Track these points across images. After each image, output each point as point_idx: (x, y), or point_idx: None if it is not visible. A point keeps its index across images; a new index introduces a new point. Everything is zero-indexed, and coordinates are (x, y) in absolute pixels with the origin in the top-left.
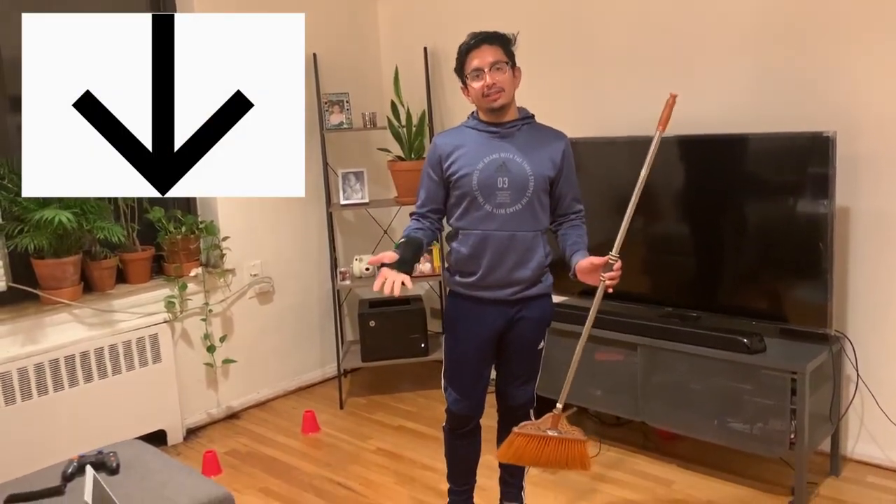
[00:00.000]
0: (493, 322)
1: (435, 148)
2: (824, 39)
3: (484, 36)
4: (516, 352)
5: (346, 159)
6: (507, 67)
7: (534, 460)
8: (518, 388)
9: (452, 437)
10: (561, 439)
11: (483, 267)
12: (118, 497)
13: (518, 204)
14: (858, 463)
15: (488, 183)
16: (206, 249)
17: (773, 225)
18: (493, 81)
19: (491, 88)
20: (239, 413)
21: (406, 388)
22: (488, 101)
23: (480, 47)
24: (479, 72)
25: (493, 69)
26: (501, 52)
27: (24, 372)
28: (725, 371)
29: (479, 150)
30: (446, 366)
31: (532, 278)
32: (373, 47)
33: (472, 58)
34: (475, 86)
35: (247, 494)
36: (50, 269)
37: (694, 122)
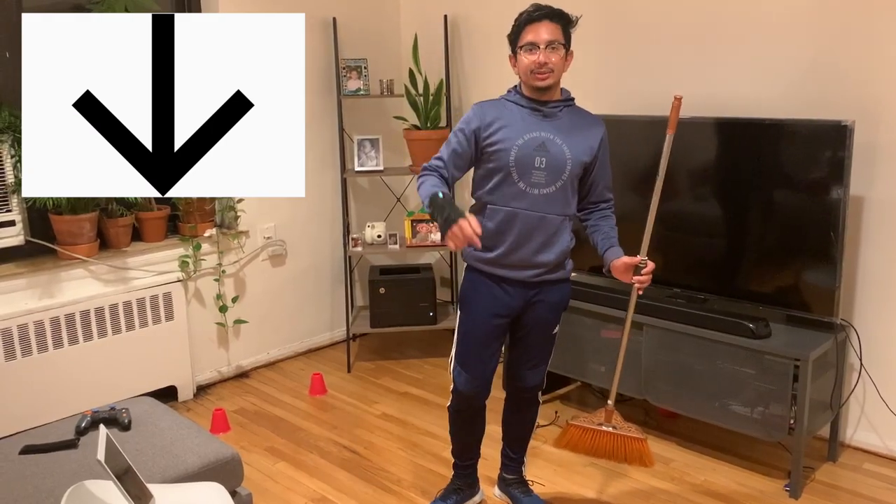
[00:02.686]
0: (511, 302)
1: (476, 113)
2: (849, 28)
3: (548, 11)
4: (532, 335)
5: (361, 125)
6: (563, 48)
7: (589, 451)
8: (530, 370)
9: (458, 418)
10: (617, 435)
11: (507, 244)
12: (129, 453)
13: (552, 186)
14: (856, 450)
15: (526, 161)
16: (221, 211)
17: (785, 211)
18: (545, 60)
19: (542, 67)
20: (248, 372)
21: (413, 354)
22: (536, 78)
23: (541, 22)
24: (533, 46)
25: (549, 48)
26: (560, 32)
27: (41, 325)
28: (729, 354)
29: (520, 126)
30: (459, 345)
31: (555, 262)
32: (392, 14)
33: (529, 30)
34: (526, 60)
35: (253, 452)
36: (67, 225)
37: (711, 105)
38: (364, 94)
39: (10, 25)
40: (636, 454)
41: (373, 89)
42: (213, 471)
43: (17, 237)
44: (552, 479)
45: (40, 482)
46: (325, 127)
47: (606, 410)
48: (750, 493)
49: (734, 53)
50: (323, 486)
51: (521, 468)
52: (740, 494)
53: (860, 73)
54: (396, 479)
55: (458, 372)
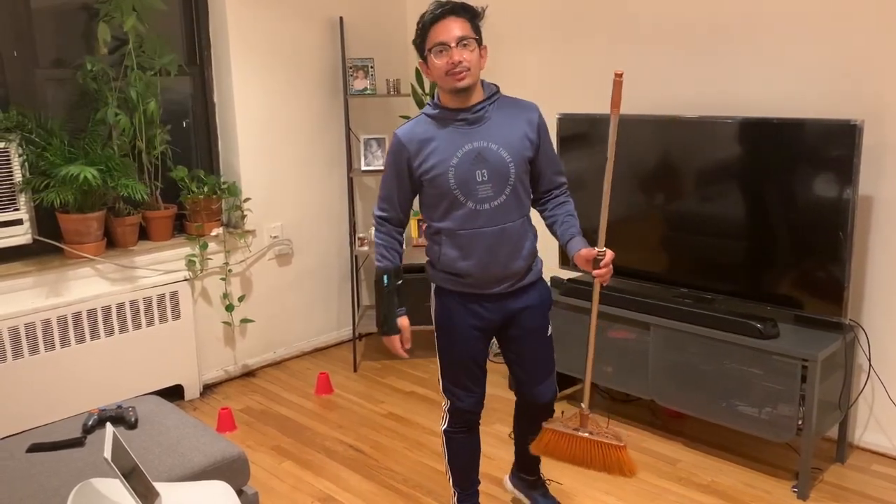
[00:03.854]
0: (490, 316)
1: (400, 146)
2: (858, 27)
3: (450, 7)
4: (528, 347)
5: (368, 125)
6: (475, 44)
7: (567, 457)
8: (541, 385)
9: (457, 439)
10: (594, 441)
11: (474, 266)
12: (135, 452)
13: (502, 195)
14: (865, 451)
15: (466, 178)
16: (228, 210)
17: (793, 211)
18: (459, 59)
19: (457, 66)
20: (255, 371)
21: (419, 354)
22: (453, 80)
23: (445, 19)
24: (443, 46)
25: (460, 45)
26: (469, 27)
27: (48, 323)
28: (737, 354)
29: (450, 144)
30: (445, 368)
31: (525, 267)
32: (399, 13)
33: (435, 31)
34: (438, 62)
35: (259, 452)
36: (74, 224)
37: (719, 105)
38: (371, 94)
39: (17, 25)
40: (615, 463)
41: (379, 89)
42: (219, 469)
43: (24, 236)
44: (558, 477)
45: (47, 480)
46: (332, 126)
47: (581, 415)
48: (757, 494)
49: (742, 53)
50: (329, 486)
51: (539, 466)
52: (748, 495)
53: (869, 72)
54: (402, 478)
55: (452, 392)
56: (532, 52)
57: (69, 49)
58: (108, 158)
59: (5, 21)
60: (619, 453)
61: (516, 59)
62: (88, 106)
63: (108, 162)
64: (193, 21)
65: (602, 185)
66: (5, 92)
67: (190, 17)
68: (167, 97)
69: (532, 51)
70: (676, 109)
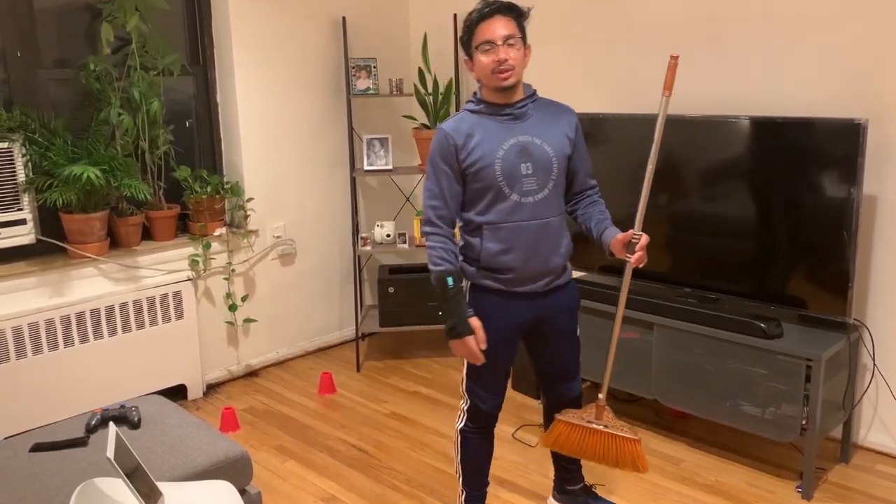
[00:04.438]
0: (524, 314)
1: (446, 138)
2: (862, 26)
3: (498, 6)
4: (559, 346)
5: (371, 125)
6: (520, 43)
7: (577, 451)
8: (571, 381)
9: (473, 439)
10: (608, 434)
11: (517, 261)
12: (138, 451)
13: (545, 189)
14: (869, 451)
15: (512, 171)
16: (231, 210)
17: (797, 210)
18: (505, 57)
19: (503, 65)
20: (258, 371)
21: (422, 354)
22: (498, 78)
23: (493, 17)
24: (490, 45)
25: (506, 44)
26: (515, 26)
27: (51, 323)
28: (741, 354)
29: (495, 137)
30: (473, 368)
31: (562, 265)
32: (402, 13)
33: (482, 29)
34: (485, 60)
35: (262, 451)
36: (78, 224)
37: (723, 104)
38: (373, 94)
39: (20, 25)
40: (629, 457)
41: (382, 89)
42: (222, 469)
43: (28, 236)
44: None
45: (50, 480)
46: (335, 126)
47: (597, 406)
48: (761, 494)
49: (747, 53)
50: (332, 485)
51: (581, 474)
52: (752, 495)
53: (874, 71)
54: (405, 478)
55: (476, 393)
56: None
57: (72, 49)
58: (111, 158)
59: (9, 21)
60: (634, 447)
61: None
62: (91, 106)
63: (112, 162)
64: (196, 21)
65: (605, 182)
66: (9, 92)
67: (193, 17)
68: (170, 97)
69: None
70: (681, 109)
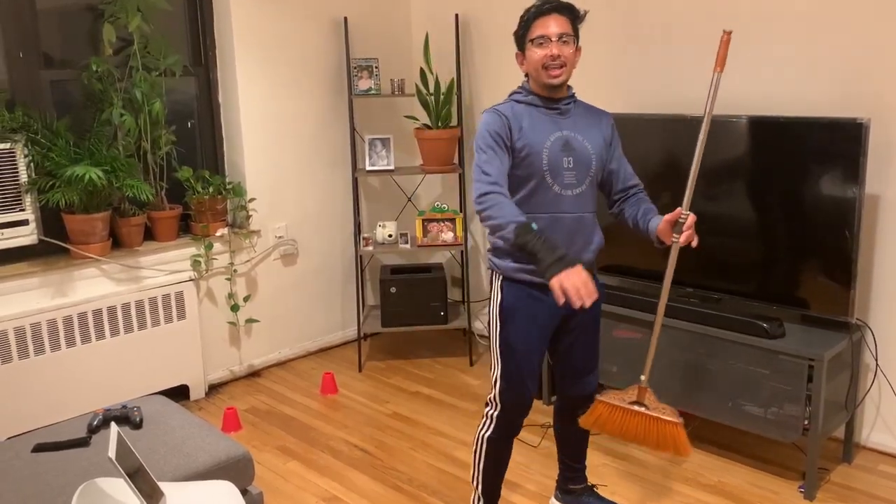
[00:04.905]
0: (556, 310)
1: (500, 116)
2: (864, 25)
3: (556, 4)
4: (582, 341)
5: (372, 125)
6: (573, 42)
7: (617, 432)
8: (590, 374)
9: (500, 448)
10: (649, 416)
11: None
12: (140, 451)
13: (583, 184)
14: (872, 451)
15: (557, 163)
16: (233, 210)
17: (800, 210)
18: (558, 52)
19: (555, 60)
20: (260, 371)
21: (424, 354)
22: (548, 74)
23: (550, 15)
24: (544, 39)
25: (560, 41)
26: (569, 25)
27: (53, 324)
28: (743, 354)
29: (542, 127)
30: (507, 362)
31: (593, 261)
32: (404, 13)
33: (539, 24)
34: (538, 53)
35: (264, 452)
36: (80, 225)
37: (726, 104)
38: (375, 94)
39: (23, 26)
40: (670, 440)
41: (384, 89)
42: (224, 469)
43: (30, 236)
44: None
45: (52, 480)
46: (337, 126)
47: (639, 388)
48: (764, 494)
49: (749, 51)
50: (334, 486)
51: (585, 475)
52: (754, 496)
53: (876, 70)
54: (408, 478)
55: (510, 393)
56: None
57: (74, 50)
58: (113, 159)
59: (11, 22)
60: (676, 430)
61: None
62: (94, 107)
63: (114, 162)
64: (198, 22)
65: None
66: (11, 93)
67: (195, 18)
68: (172, 98)
69: None
70: (683, 108)
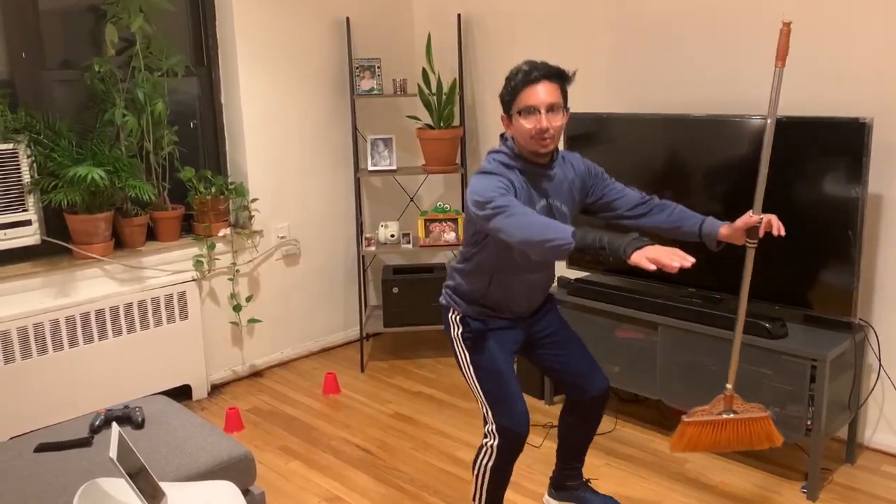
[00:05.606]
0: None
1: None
2: (866, 25)
3: (545, 71)
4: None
5: (375, 125)
6: (563, 111)
7: (710, 447)
8: (598, 370)
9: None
10: (740, 420)
11: (515, 305)
12: (142, 451)
13: None
14: (875, 452)
15: None
16: (235, 210)
17: (802, 209)
18: (547, 126)
19: (544, 133)
20: (262, 371)
21: (426, 354)
22: (537, 144)
23: (540, 83)
24: (533, 110)
25: (550, 112)
26: (559, 93)
27: (56, 324)
28: (746, 354)
29: (529, 196)
30: (489, 386)
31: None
32: (406, 13)
33: (527, 93)
34: (526, 125)
35: (267, 451)
36: (82, 225)
37: (728, 103)
38: (377, 94)
39: (25, 27)
40: (763, 435)
41: (386, 89)
42: (225, 469)
43: (33, 236)
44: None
45: (54, 480)
46: (339, 127)
47: (726, 396)
48: (766, 494)
49: (751, 51)
50: (336, 486)
51: (582, 472)
52: (757, 496)
53: (878, 69)
54: (409, 478)
55: (503, 415)
56: (538, 52)
57: (77, 50)
58: (115, 159)
59: (14, 23)
60: (766, 424)
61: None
62: (96, 107)
63: (116, 163)
64: (200, 22)
65: None
66: (14, 93)
67: (197, 18)
68: (174, 98)
69: (538, 50)
70: (685, 108)
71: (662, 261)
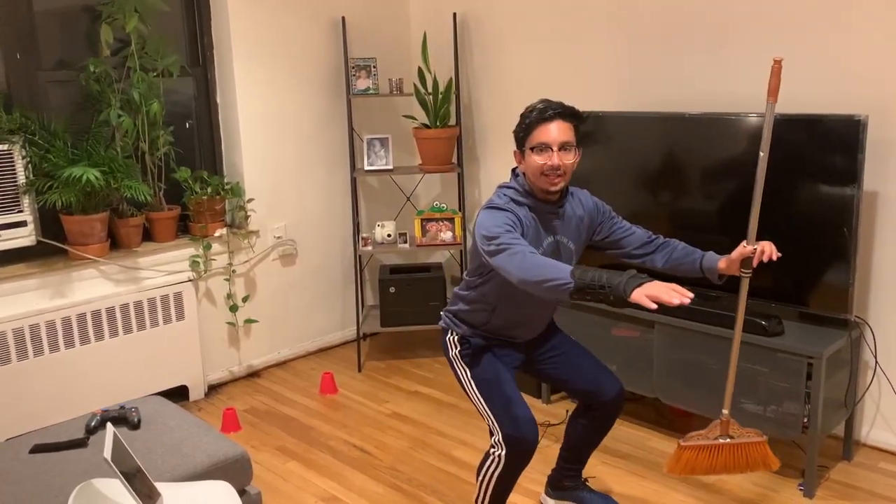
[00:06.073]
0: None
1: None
2: (862, 22)
3: (560, 110)
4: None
5: (371, 125)
6: (575, 150)
7: (707, 470)
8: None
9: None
10: (736, 445)
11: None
12: (137, 452)
13: None
14: (872, 449)
15: None
16: (232, 210)
17: (798, 207)
18: (559, 163)
19: (556, 171)
20: (259, 371)
21: (424, 354)
22: (547, 182)
23: (554, 122)
24: (545, 147)
25: (562, 150)
26: (572, 132)
27: (52, 325)
28: (742, 352)
29: (538, 233)
30: (493, 397)
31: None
32: (401, 12)
33: (540, 130)
34: (538, 161)
35: (264, 452)
36: (78, 226)
37: (724, 101)
38: (373, 94)
39: (20, 27)
40: (759, 459)
41: (382, 88)
42: (221, 469)
43: (28, 237)
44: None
45: (50, 480)
46: (335, 126)
47: (722, 422)
48: (763, 492)
49: (747, 49)
50: (333, 486)
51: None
52: (753, 494)
53: (874, 67)
54: (407, 477)
55: (509, 422)
56: (535, 51)
57: (72, 51)
58: (111, 160)
59: (8, 23)
60: (762, 449)
61: (518, 58)
62: (91, 107)
63: (112, 163)
64: (196, 22)
65: (606, 182)
66: (9, 94)
67: (192, 18)
68: (170, 98)
69: (535, 49)
70: (681, 106)
71: (662, 298)
